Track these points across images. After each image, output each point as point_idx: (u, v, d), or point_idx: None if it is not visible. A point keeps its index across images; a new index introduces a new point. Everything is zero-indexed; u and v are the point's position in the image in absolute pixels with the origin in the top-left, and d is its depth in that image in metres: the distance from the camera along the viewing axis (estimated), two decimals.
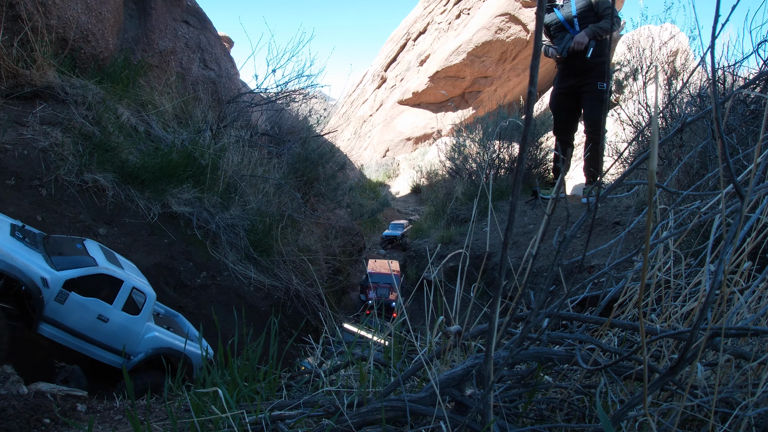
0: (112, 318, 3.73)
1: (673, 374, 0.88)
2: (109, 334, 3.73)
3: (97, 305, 3.65)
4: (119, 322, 3.77)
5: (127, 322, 3.82)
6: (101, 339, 3.69)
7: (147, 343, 3.96)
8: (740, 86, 0.99)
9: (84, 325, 3.59)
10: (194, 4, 9.28)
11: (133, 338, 3.88)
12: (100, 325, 3.67)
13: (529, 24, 19.55)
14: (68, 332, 3.53)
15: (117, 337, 3.78)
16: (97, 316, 3.65)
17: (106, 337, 3.71)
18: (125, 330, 3.82)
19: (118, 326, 3.77)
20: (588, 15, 4.97)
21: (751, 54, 3.62)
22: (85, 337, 3.62)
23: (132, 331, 3.86)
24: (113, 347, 3.77)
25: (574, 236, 1.00)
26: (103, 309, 3.68)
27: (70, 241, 3.96)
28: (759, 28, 10.68)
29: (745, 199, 0.77)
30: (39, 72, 5.70)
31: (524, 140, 0.74)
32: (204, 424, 1.28)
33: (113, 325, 3.74)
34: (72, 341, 3.56)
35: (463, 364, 1.17)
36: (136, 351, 3.90)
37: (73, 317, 3.52)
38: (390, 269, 8.65)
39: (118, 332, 3.78)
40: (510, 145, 8.64)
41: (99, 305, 3.66)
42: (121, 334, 3.80)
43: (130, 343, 3.87)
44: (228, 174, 6.77)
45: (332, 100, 24.21)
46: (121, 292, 3.78)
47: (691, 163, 3.46)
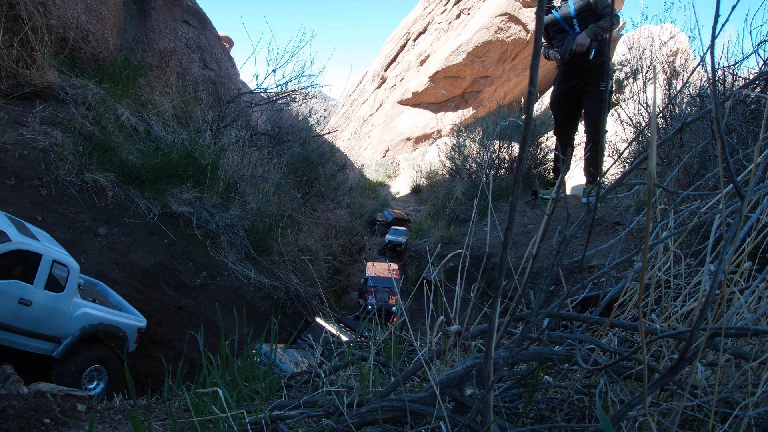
0: (35, 300, 3.22)
1: (673, 374, 0.88)
2: (35, 318, 3.24)
3: (16, 287, 3.13)
4: (44, 304, 3.27)
5: (52, 302, 3.32)
6: (26, 326, 3.20)
7: (77, 322, 3.47)
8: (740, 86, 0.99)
9: (4, 313, 3.09)
10: (194, 4, 9.28)
11: (61, 319, 3.38)
12: (22, 310, 3.17)
13: (529, 24, 19.54)
14: None
15: (43, 321, 3.28)
16: (18, 300, 3.15)
17: (32, 323, 3.23)
18: (51, 311, 3.32)
19: (43, 308, 3.27)
20: (587, 15, 4.96)
21: (751, 54, 3.62)
22: (7, 327, 3.13)
23: (59, 311, 3.36)
24: (41, 333, 3.29)
25: (574, 236, 1.00)
26: (24, 291, 3.17)
27: None
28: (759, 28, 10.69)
29: (745, 199, 0.77)
30: (39, 72, 5.70)
31: (524, 140, 0.74)
32: (204, 423, 1.28)
33: (37, 308, 3.24)
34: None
35: (463, 364, 1.17)
36: (65, 333, 3.41)
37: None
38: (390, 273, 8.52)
39: (43, 315, 3.27)
40: (510, 145, 8.64)
41: (18, 287, 3.14)
42: (48, 317, 3.30)
43: (60, 325, 3.38)
44: (228, 174, 6.77)
45: (332, 100, 24.22)
46: (41, 269, 3.24)
47: (691, 163, 3.46)
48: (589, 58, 4.91)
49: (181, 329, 5.20)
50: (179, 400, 1.69)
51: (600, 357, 1.25)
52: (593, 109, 5.05)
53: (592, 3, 4.93)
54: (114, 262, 5.02)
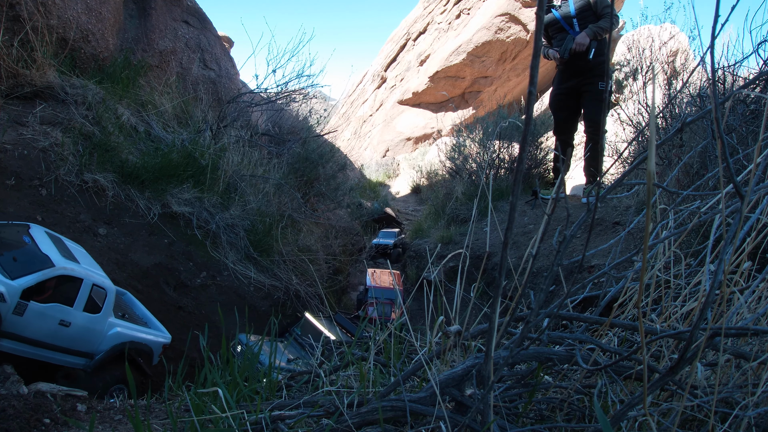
0: (74, 321, 3.43)
1: (673, 374, 0.88)
2: (72, 338, 3.44)
3: (57, 310, 3.34)
4: (81, 324, 3.48)
5: (89, 322, 3.53)
6: (63, 344, 3.42)
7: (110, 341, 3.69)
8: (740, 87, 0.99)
9: (45, 333, 3.29)
10: (194, 4, 9.28)
11: (96, 338, 3.61)
12: (61, 330, 3.37)
13: (529, 24, 19.54)
14: (29, 343, 3.24)
15: (80, 340, 3.50)
16: (59, 322, 3.35)
17: (69, 341, 3.43)
18: (88, 331, 3.53)
19: (80, 329, 3.47)
20: (587, 15, 4.96)
21: (751, 54, 3.62)
22: (47, 345, 3.33)
23: (94, 330, 3.58)
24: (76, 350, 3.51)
25: (574, 236, 1.00)
26: (64, 313, 3.37)
27: (15, 232, 3.56)
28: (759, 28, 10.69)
29: (745, 198, 0.77)
30: (39, 72, 5.71)
31: (524, 140, 0.74)
32: (204, 423, 1.28)
33: (75, 329, 3.44)
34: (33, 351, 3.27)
35: (463, 364, 1.17)
36: (99, 350, 3.64)
37: (33, 327, 3.21)
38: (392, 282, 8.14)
39: (80, 335, 3.49)
40: (510, 145, 8.64)
41: (59, 310, 3.35)
42: (84, 336, 3.52)
43: (94, 343, 3.60)
44: (228, 174, 6.77)
45: (332, 100, 24.22)
46: (82, 292, 3.45)
47: (691, 163, 3.46)
48: (588, 58, 4.92)
49: (181, 329, 5.20)
50: (179, 400, 1.69)
51: (600, 357, 1.25)
52: (593, 109, 5.06)
53: (592, 3, 4.93)
54: (114, 262, 5.02)
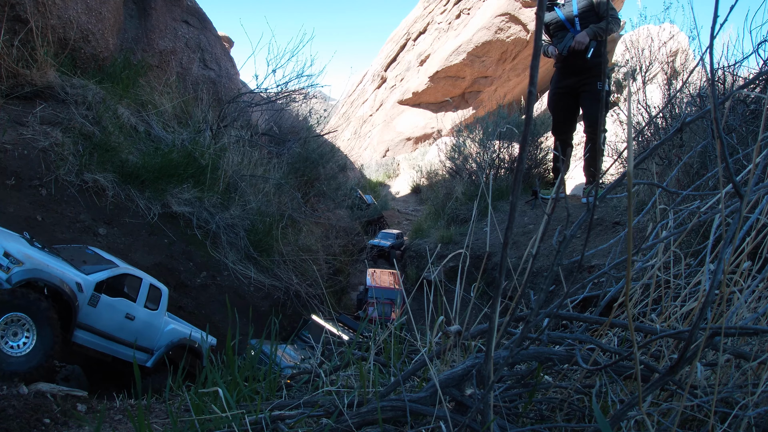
0: (138, 315, 3.88)
1: (673, 374, 0.88)
2: (136, 332, 3.87)
3: (124, 304, 3.78)
4: (144, 319, 3.93)
5: (149, 317, 3.98)
6: (128, 338, 3.80)
7: (167, 336, 4.12)
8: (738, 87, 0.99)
9: (114, 325, 3.71)
10: (194, 4, 9.28)
11: (155, 333, 4.05)
12: (127, 324, 3.79)
13: (529, 24, 19.54)
14: (100, 335, 3.62)
15: (142, 334, 3.93)
16: (125, 315, 3.78)
17: (133, 335, 3.83)
18: (149, 326, 3.98)
19: (142, 323, 3.92)
20: (589, 15, 4.97)
21: (751, 54, 3.62)
22: (115, 338, 3.73)
23: (154, 326, 4.03)
24: (139, 345, 3.92)
25: (574, 236, 1.00)
26: (129, 307, 3.82)
27: (78, 249, 4.06)
28: (759, 28, 10.68)
29: (744, 198, 0.77)
30: (39, 72, 5.70)
31: (524, 140, 0.74)
32: (204, 423, 1.28)
33: (139, 323, 3.88)
34: (104, 344, 3.66)
35: (463, 364, 1.17)
36: (157, 345, 4.06)
37: (104, 319, 3.62)
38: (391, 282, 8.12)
39: (142, 329, 3.93)
40: (510, 145, 8.64)
41: (125, 304, 3.79)
42: (146, 331, 3.96)
43: (153, 338, 4.04)
44: (228, 174, 6.77)
45: (332, 100, 24.23)
46: (142, 289, 3.95)
47: (691, 163, 3.46)
48: (586, 57, 4.92)
49: None
50: (180, 400, 1.69)
51: (600, 357, 1.25)
52: (591, 109, 5.06)
53: (595, 3, 4.93)
54: None
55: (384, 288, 7.72)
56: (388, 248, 11.21)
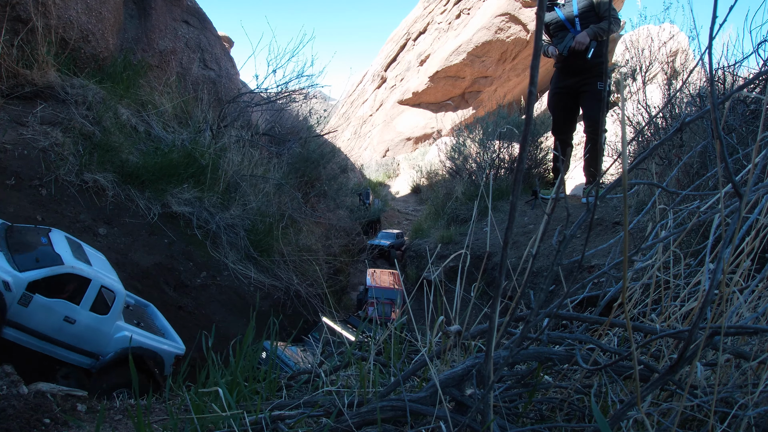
0: (80, 319, 3.51)
1: (672, 373, 0.88)
2: (77, 335, 3.52)
3: (63, 307, 3.43)
4: (87, 324, 3.55)
5: (95, 322, 3.59)
6: (68, 341, 3.49)
7: (117, 343, 3.73)
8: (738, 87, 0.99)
9: (49, 327, 3.39)
10: (194, 4, 9.28)
11: (102, 339, 3.66)
12: (66, 327, 3.45)
13: (529, 24, 19.54)
14: (33, 335, 3.34)
15: (84, 338, 3.57)
16: (64, 318, 3.44)
17: (73, 338, 3.51)
18: (93, 331, 3.59)
19: (85, 327, 3.54)
20: (589, 15, 4.97)
21: (751, 54, 3.62)
22: (51, 340, 3.42)
23: (101, 331, 3.64)
24: (81, 348, 3.58)
25: (574, 236, 1.00)
26: (70, 310, 3.46)
27: (35, 233, 3.71)
28: (759, 28, 10.68)
29: (744, 198, 0.77)
30: (39, 72, 5.71)
31: (524, 140, 0.74)
32: (204, 423, 1.28)
33: (80, 327, 3.52)
34: (37, 344, 3.36)
35: (463, 364, 1.17)
36: (105, 351, 3.68)
37: (37, 320, 3.32)
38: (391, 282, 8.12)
39: (85, 333, 3.55)
40: (510, 145, 8.64)
41: (65, 306, 3.44)
42: (89, 335, 3.58)
43: (100, 344, 3.65)
44: (228, 174, 6.77)
45: (332, 100, 24.24)
46: (89, 292, 3.54)
47: (691, 163, 3.46)
48: (587, 57, 4.93)
49: (181, 329, 5.20)
50: (180, 399, 1.69)
51: (600, 357, 1.25)
52: (592, 109, 5.06)
53: (595, 4, 4.94)
54: (114, 262, 5.01)
55: (384, 288, 7.73)
56: (388, 248, 11.18)
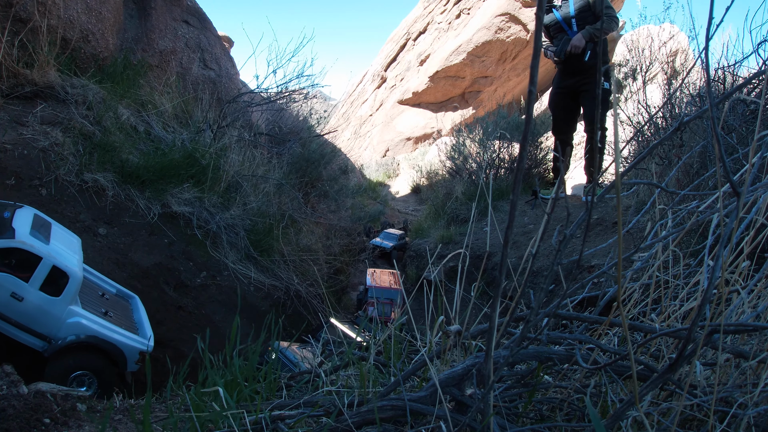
0: (28, 297, 3.41)
1: (672, 372, 0.88)
2: (25, 314, 3.43)
3: (9, 281, 3.33)
4: (36, 303, 3.44)
5: (44, 303, 3.47)
6: (16, 318, 3.40)
7: (69, 329, 3.61)
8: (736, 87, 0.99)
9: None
10: (194, 4, 9.28)
11: (52, 321, 3.53)
12: (13, 303, 3.36)
13: (529, 24, 19.55)
14: None
15: (34, 319, 3.46)
16: (11, 293, 3.35)
17: (22, 316, 3.42)
18: (43, 312, 3.48)
19: (33, 307, 3.44)
20: (586, 15, 4.95)
21: (750, 54, 3.62)
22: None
23: (50, 313, 3.52)
24: (31, 328, 3.48)
25: (574, 236, 1.01)
26: (17, 286, 3.37)
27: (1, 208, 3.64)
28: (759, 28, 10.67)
29: (741, 197, 0.78)
30: (39, 72, 5.71)
31: (524, 140, 0.74)
32: (204, 422, 1.28)
33: (29, 305, 3.42)
34: None
35: (463, 364, 1.17)
36: (57, 335, 3.57)
37: None
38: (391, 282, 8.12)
39: (34, 313, 3.45)
40: (510, 145, 8.65)
41: (12, 282, 3.34)
42: (39, 316, 3.47)
43: (51, 327, 3.54)
44: (228, 174, 6.77)
45: (333, 100, 24.24)
46: (39, 270, 3.43)
47: (691, 163, 3.46)
48: (584, 60, 4.92)
49: (181, 329, 5.21)
50: (180, 399, 1.69)
51: (600, 357, 1.25)
52: (592, 109, 5.06)
53: (591, 3, 4.92)
54: (114, 262, 5.02)
55: (384, 288, 7.73)
56: (390, 249, 11.10)
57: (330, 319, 5.89)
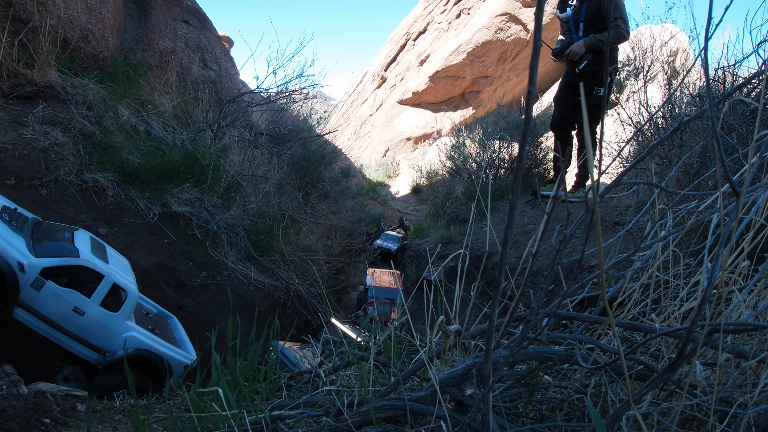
0: (89, 312, 3.63)
1: (672, 372, 0.88)
2: (84, 327, 3.64)
3: (73, 297, 3.57)
4: (96, 317, 3.67)
5: (104, 318, 3.70)
6: (75, 331, 3.60)
7: (125, 342, 3.83)
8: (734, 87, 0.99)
9: (58, 315, 3.53)
10: (194, 4, 9.28)
11: (109, 335, 3.75)
12: (75, 317, 3.58)
13: (529, 24, 19.55)
14: (42, 320, 3.48)
15: (92, 332, 3.68)
16: (73, 308, 3.57)
17: (81, 330, 3.63)
18: (101, 326, 3.70)
19: (93, 321, 3.66)
20: (596, 22, 4.86)
21: (750, 54, 3.62)
22: (59, 327, 3.55)
23: (108, 327, 3.74)
24: (88, 341, 3.68)
25: (574, 235, 1.01)
26: (80, 301, 3.59)
27: (60, 229, 3.88)
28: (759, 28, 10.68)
29: (741, 196, 0.78)
30: (40, 72, 5.71)
31: (524, 140, 0.74)
32: (204, 423, 1.28)
33: (89, 319, 3.64)
34: (46, 329, 3.51)
35: (463, 364, 1.17)
36: (112, 349, 3.78)
37: (47, 306, 3.47)
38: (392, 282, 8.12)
39: (93, 327, 3.67)
40: (510, 144, 8.65)
41: (76, 297, 3.58)
42: (97, 330, 3.69)
43: (106, 340, 3.75)
44: (229, 174, 6.77)
45: (333, 100, 24.25)
46: (101, 287, 3.67)
47: (691, 163, 3.46)
48: (578, 68, 4.88)
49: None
50: (180, 399, 1.69)
51: (600, 357, 1.25)
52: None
53: (603, 11, 4.79)
54: None
55: (384, 288, 7.74)
56: (396, 251, 11.15)
57: (331, 319, 5.89)
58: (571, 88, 5.24)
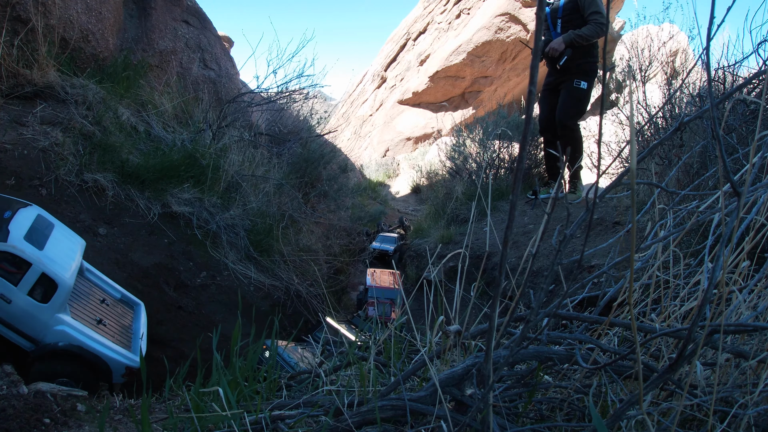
0: (15, 300, 3.48)
1: (672, 372, 0.88)
2: (12, 315, 3.51)
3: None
4: (22, 307, 3.51)
5: (31, 308, 3.53)
6: (5, 317, 3.49)
7: (55, 336, 3.64)
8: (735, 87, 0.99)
9: None
10: (194, 4, 9.28)
11: (39, 326, 3.59)
12: (1, 303, 3.44)
13: (529, 24, 19.54)
14: None
15: (21, 321, 3.55)
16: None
17: (10, 317, 3.51)
18: (29, 316, 3.55)
19: (21, 310, 3.51)
20: (573, 17, 4.81)
21: (751, 54, 3.62)
22: None
23: (37, 319, 3.57)
24: (19, 329, 3.55)
25: (574, 235, 1.01)
26: (6, 289, 3.44)
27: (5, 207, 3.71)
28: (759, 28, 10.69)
29: (742, 197, 0.78)
30: (40, 72, 5.71)
31: (524, 140, 0.74)
32: (204, 423, 1.28)
33: (16, 308, 3.49)
34: None
35: (463, 364, 1.17)
36: (44, 340, 3.63)
37: None
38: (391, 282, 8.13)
39: (21, 316, 3.53)
40: (510, 144, 8.64)
41: (1, 284, 3.42)
42: (26, 319, 3.55)
43: (36, 331, 3.59)
44: (229, 174, 6.77)
45: (333, 100, 24.25)
46: (28, 276, 3.49)
47: (691, 163, 3.46)
48: (558, 64, 4.84)
49: (181, 329, 5.21)
50: (180, 399, 1.69)
51: (600, 357, 1.25)
52: (561, 107, 5.00)
53: (580, 5, 4.75)
54: (114, 262, 5.02)
55: (384, 288, 7.74)
56: (393, 252, 11.09)
57: (326, 319, 5.88)
58: (551, 88, 5.22)
